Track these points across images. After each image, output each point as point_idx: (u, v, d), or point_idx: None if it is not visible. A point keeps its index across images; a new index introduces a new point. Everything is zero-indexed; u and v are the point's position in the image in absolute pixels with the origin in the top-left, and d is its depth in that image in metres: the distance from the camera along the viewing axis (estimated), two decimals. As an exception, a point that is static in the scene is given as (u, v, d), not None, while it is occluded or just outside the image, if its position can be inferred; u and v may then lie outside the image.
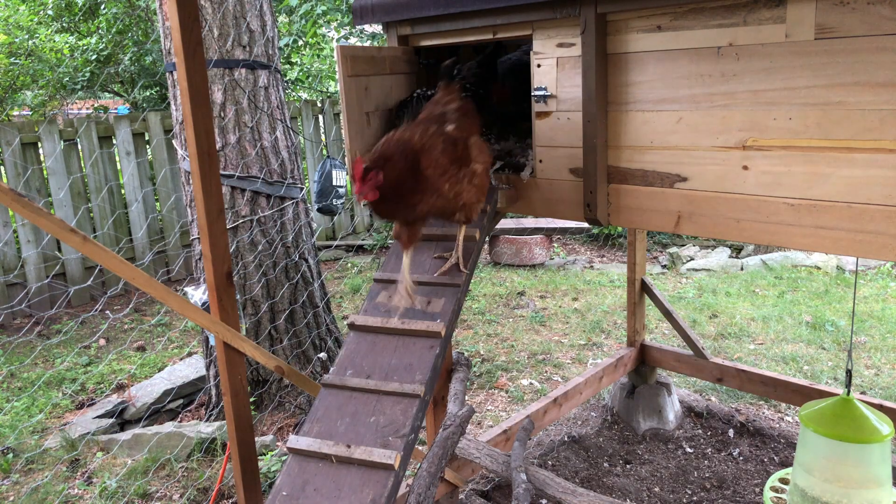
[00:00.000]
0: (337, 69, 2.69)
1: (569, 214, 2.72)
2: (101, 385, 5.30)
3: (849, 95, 1.97)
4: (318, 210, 5.28)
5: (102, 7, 9.40)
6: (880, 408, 3.48)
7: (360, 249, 9.13)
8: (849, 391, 2.56)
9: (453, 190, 2.22)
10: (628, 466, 4.04)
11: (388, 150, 2.12)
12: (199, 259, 4.65)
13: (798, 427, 3.28)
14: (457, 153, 2.24)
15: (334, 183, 5.20)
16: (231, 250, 3.60)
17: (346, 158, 2.74)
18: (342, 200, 5.29)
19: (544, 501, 3.69)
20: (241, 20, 4.33)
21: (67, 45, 10.14)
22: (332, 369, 2.33)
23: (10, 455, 4.26)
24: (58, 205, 7.04)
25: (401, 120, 2.76)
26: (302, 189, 4.78)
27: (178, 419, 4.77)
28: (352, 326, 2.43)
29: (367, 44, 9.74)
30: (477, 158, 2.37)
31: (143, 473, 3.97)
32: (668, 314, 4.35)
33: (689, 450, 4.18)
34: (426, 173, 2.13)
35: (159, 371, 5.32)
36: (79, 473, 4.05)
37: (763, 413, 4.50)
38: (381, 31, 4.78)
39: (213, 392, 4.68)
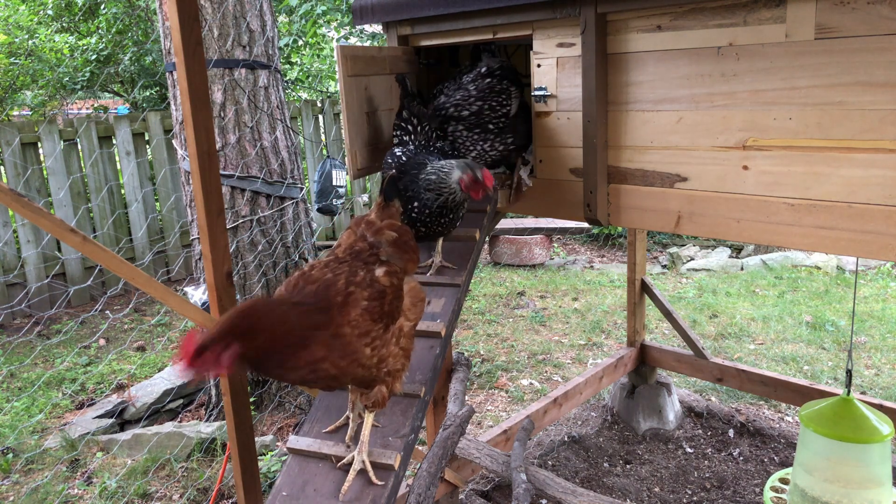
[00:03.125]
0: (337, 69, 2.69)
1: (569, 214, 2.72)
2: (101, 385, 5.30)
3: (849, 95, 1.97)
4: (318, 210, 5.29)
5: (102, 7, 9.40)
6: (880, 408, 3.48)
7: (360, 249, 9.11)
8: (849, 391, 2.56)
9: (376, 355, 1.76)
10: (628, 466, 4.04)
11: (269, 314, 1.59)
12: (199, 259, 4.65)
13: (798, 427, 3.28)
14: (383, 308, 1.79)
15: (334, 183, 5.21)
16: (231, 250, 3.60)
17: (346, 158, 2.74)
18: (342, 200, 5.29)
19: (544, 501, 3.69)
20: (241, 20, 4.33)
21: (67, 45, 10.14)
22: (332, 369, 2.33)
23: (10, 455, 4.26)
24: (58, 205, 7.04)
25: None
26: (302, 189, 4.78)
27: (178, 419, 4.76)
28: (352, 326, 2.42)
29: (367, 44, 9.74)
30: (409, 312, 1.92)
31: (143, 473, 3.97)
32: (668, 314, 4.34)
33: (689, 450, 4.18)
34: (341, 331, 1.67)
35: (159, 371, 5.31)
36: (79, 473, 4.05)
37: (763, 413, 4.50)
38: (381, 31, 4.77)
39: (213, 392, 4.68)
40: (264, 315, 1.57)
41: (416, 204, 2.37)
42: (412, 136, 2.67)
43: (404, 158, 2.51)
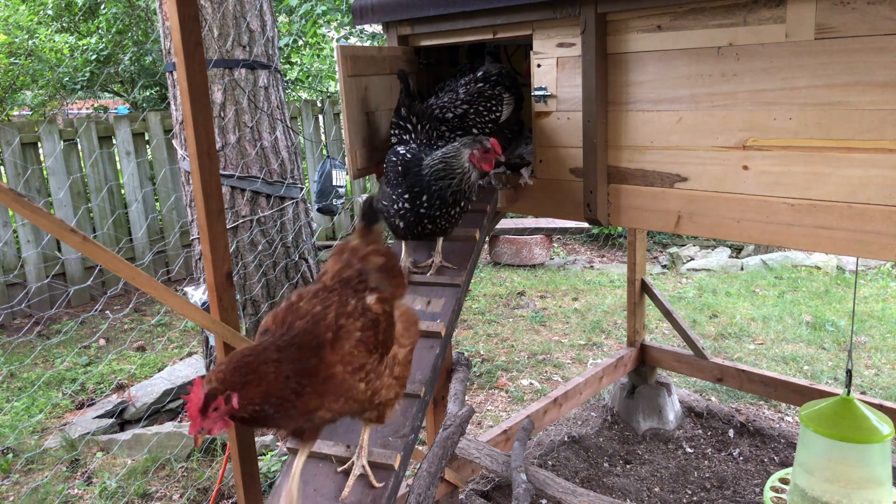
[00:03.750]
0: (337, 69, 2.69)
1: (569, 214, 2.72)
2: (101, 385, 5.30)
3: (849, 95, 1.97)
4: (318, 210, 5.29)
5: (102, 7, 9.40)
6: (880, 408, 3.48)
7: (360, 249, 9.12)
8: (849, 391, 2.56)
9: (370, 388, 1.67)
10: (628, 466, 4.04)
11: (263, 355, 1.51)
12: (199, 259, 4.65)
13: (798, 427, 3.28)
14: (377, 337, 1.68)
15: (334, 183, 5.21)
16: (231, 250, 3.60)
17: (346, 158, 2.74)
18: (342, 200, 5.29)
19: (544, 501, 3.69)
20: (241, 20, 4.33)
21: (67, 45, 10.14)
22: (332, 369, 2.33)
23: (10, 455, 4.26)
24: (58, 205, 7.04)
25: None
26: (302, 189, 4.78)
27: (178, 419, 4.76)
28: (352, 326, 2.42)
29: (367, 44, 9.74)
30: (402, 338, 1.82)
31: (143, 473, 3.97)
32: (668, 314, 4.35)
33: (689, 450, 4.18)
34: (333, 372, 1.58)
35: (159, 371, 5.31)
36: (79, 473, 4.05)
37: (763, 413, 4.50)
38: (381, 31, 4.78)
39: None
40: (257, 368, 1.49)
41: (424, 198, 2.36)
42: (412, 136, 2.65)
43: (409, 156, 2.48)
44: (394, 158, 2.50)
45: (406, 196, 2.39)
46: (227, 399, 1.44)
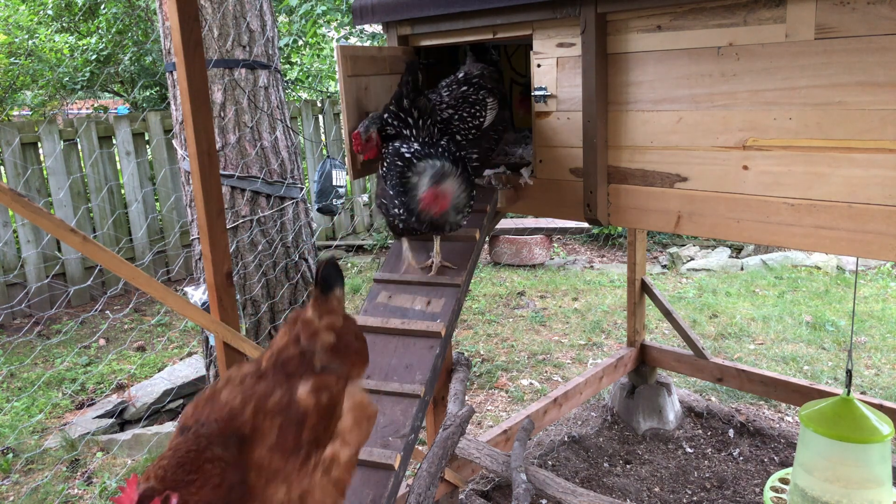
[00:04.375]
0: (337, 69, 2.69)
1: (569, 214, 2.72)
2: (101, 385, 5.30)
3: (849, 95, 1.97)
4: (318, 210, 5.28)
5: (102, 7, 9.40)
6: (880, 408, 3.48)
7: (359, 249, 9.13)
8: (849, 391, 2.56)
9: (294, 494, 1.44)
10: (628, 466, 4.04)
11: (193, 457, 1.33)
12: (199, 259, 4.65)
13: (798, 427, 3.28)
14: (302, 436, 1.45)
15: (334, 183, 5.21)
16: (231, 250, 3.60)
17: (346, 158, 2.74)
18: (342, 200, 5.29)
19: (544, 501, 3.69)
20: (241, 20, 4.33)
21: (67, 45, 10.14)
22: (332, 369, 2.33)
23: (10, 455, 4.26)
24: (58, 205, 7.04)
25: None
26: (302, 189, 4.78)
27: (178, 419, 4.76)
28: (352, 326, 2.42)
29: (367, 44, 9.74)
30: (348, 434, 1.57)
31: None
32: (668, 314, 4.35)
33: (689, 450, 4.18)
34: (247, 478, 1.39)
35: (159, 371, 5.31)
36: (79, 473, 4.05)
37: (763, 413, 4.50)
38: (381, 31, 4.78)
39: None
40: (201, 466, 1.32)
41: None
42: (412, 131, 2.56)
43: (413, 159, 2.39)
44: (399, 162, 2.40)
45: (406, 201, 2.33)
46: (164, 501, 1.24)
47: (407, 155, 2.41)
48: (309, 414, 1.48)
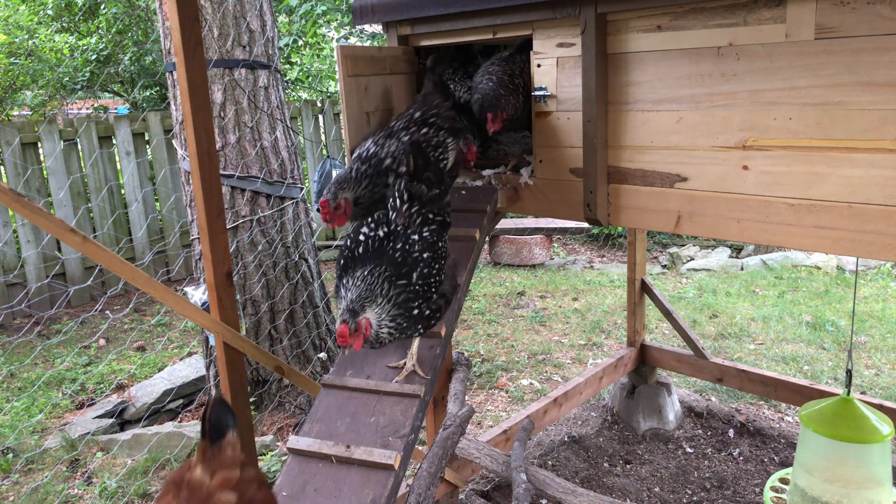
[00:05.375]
0: (337, 69, 2.69)
1: (569, 214, 2.72)
2: (101, 385, 5.30)
3: (849, 95, 1.97)
4: (318, 210, 5.28)
5: (102, 7, 9.40)
6: (880, 408, 3.48)
7: (360, 249, 9.12)
8: (849, 391, 2.56)
9: None
10: (628, 466, 4.04)
11: None
12: (199, 259, 4.65)
13: (798, 427, 3.28)
14: None
15: (334, 183, 5.20)
16: (231, 250, 3.60)
17: (346, 158, 2.74)
18: (342, 200, 5.28)
19: (544, 501, 3.69)
20: (241, 20, 4.33)
21: (67, 45, 10.14)
22: (331, 369, 2.33)
23: (10, 455, 4.26)
24: (58, 205, 7.04)
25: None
26: (302, 189, 4.78)
27: (178, 419, 4.76)
28: (352, 326, 2.42)
29: (367, 44, 9.74)
30: None
31: (143, 473, 3.96)
32: (668, 314, 4.35)
33: (689, 450, 4.18)
34: None
35: (159, 371, 5.31)
36: (79, 473, 4.05)
37: (763, 413, 4.50)
38: (381, 31, 4.78)
39: (213, 392, 4.68)
40: None
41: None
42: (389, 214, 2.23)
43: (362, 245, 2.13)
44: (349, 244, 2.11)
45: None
46: None
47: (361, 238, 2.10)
48: None
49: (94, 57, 9.64)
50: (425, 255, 2.01)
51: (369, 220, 2.14)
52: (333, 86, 11.85)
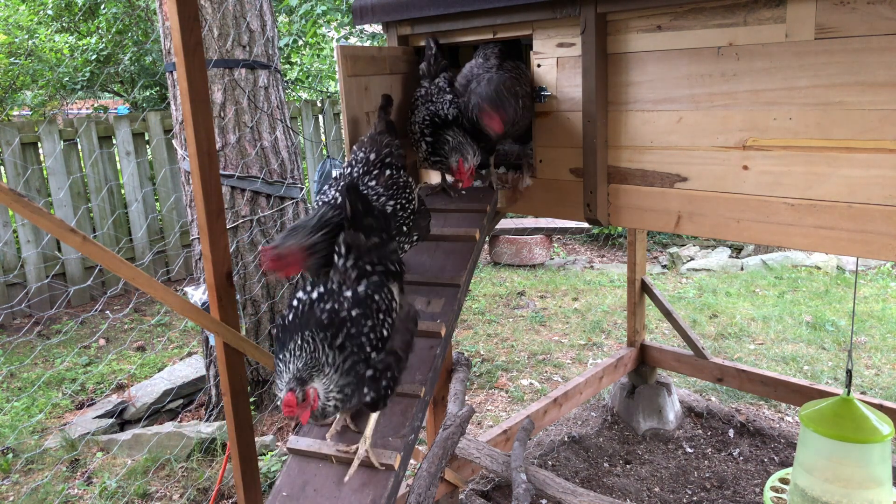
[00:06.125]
0: (337, 69, 2.69)
1: (569, 214, 2.72)
2: (101, 385, 5.30)
3: (849, 95, 1.97)
4: (318, 210, 5.28)
5: (102, 7, 9.40)
6: (880, 408, 3.48)
7: (360, 249, 9.12)
8: (849, 391, 2.56)
9: None
10: (628, 466, 4.04)
11: None
12: (199, 259, 4.65)
13: (798, 427, 3.28)
14: None
15: (334, 183, 5.20)
16: (231, 250, 3.60)
17: (345, 158, 2.74)
18: (342, 200, 5.28)
19: (544, 501, 3.69)
20: (241, 20, 4.33)
21: (67, 45, 10.14)
22: (332, 369, 2.32)
23: (10, 455, 4.26)
24: (58, 205, 7.04)
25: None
26: (302, 189, 4.78)
27: (178, 419, 4.76)
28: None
29: (367, 44, 9.74)
30: None
31: (143, 473, 3.96)
32: (668, 314, 4.34)
33: (689, 450, 4.18)
34: None
35: (159, 371, 5.31)
36: (79, 473, 4.05)
37: (763, 413, 4.50)
38: (381, 31, 4.77)
39: (213, 392, 4.68)
40: None
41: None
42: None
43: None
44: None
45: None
46: None
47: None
48: None
49: (94, 57, 9.64)
50: (353, 313, 1.81)
51: (307, 282, 1.96)
52: (333, 86, 11.85)
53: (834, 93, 2.00)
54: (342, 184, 2.21)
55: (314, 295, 1.86)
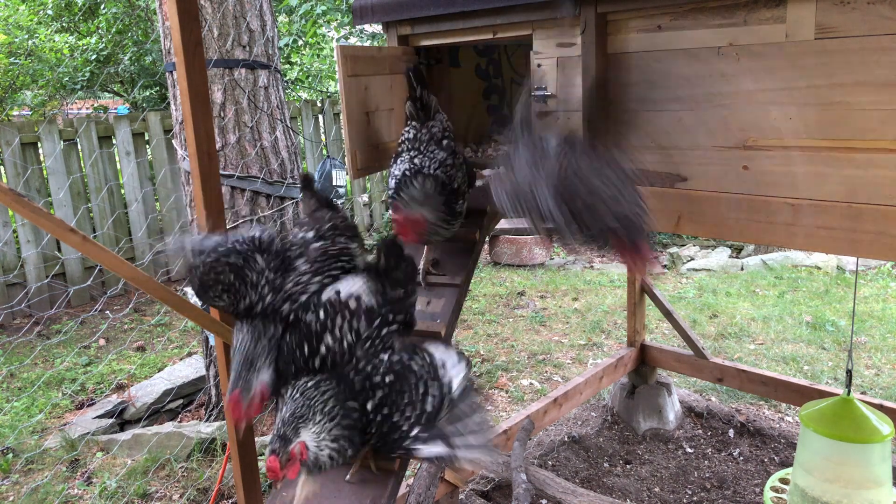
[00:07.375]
0: (337, 69, 2.69)
1: (569, 214, 2.71)
2: (101, 385, 5.30)
3: (849, 95, 1.97)
4: (318, 210, 5.28)
5: (102, 7, 9.40)
6: (880, 408, 3.48)
7: (360, 249, 9.13)
8: (849, 391, 2.56)
9: None
10: (628, 466, 4.03)
11: None
12: (199, 259, 4.65)
13: (798, 427, 3.28)
14: None
15: (334, 183, 5.21)
16: (231, 250, 3.59)
17: (346, 158, 2.74)
18: (342, 200, 5.29)
19: (544, 501, 3.69)
20: (240, 20, 4.33)
21: (67, 45, 10.14)
22: (332, 369, 2.32)
23: (10, 455, 4.26)
24: (58, 205, 7.04)
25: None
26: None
27: (178, 419, 4.76)
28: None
29: (367, 44, 9.74)
30: None
31: (143, 473, 3.96)
32: (668, 314, 4.34)
33: (689, 450, 4.17)
34: None
35: (159, 371, 5.31)
36: (79, 473, 4.05)
37: (763, 413, 4.50)
38: (381, 31, 4.78)
39: (213, 392, 4.68)
40: None
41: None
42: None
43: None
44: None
45: None
46: None
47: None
48: None
49: (94, 57, 9.64)
50: (387, 379, 1.79)
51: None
52: (333, 86, 11.86)
53: (834, 93, 2.00)
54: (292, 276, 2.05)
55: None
